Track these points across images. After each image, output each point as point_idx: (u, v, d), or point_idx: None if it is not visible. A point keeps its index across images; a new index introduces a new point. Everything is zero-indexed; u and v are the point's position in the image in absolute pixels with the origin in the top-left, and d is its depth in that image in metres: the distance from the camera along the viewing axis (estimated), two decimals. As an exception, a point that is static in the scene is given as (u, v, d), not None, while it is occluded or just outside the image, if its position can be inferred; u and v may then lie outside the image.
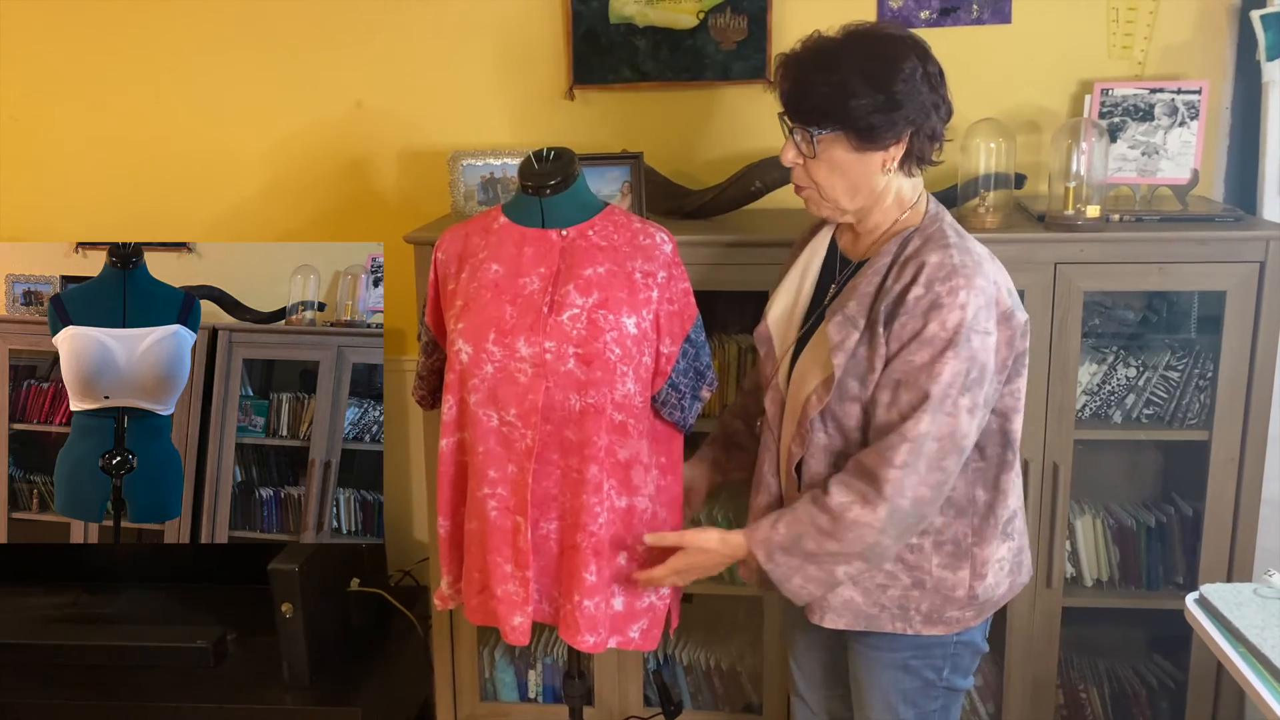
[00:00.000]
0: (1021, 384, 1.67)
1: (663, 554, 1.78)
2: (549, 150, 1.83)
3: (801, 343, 1.72)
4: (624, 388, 1.74)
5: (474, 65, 2.64)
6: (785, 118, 1.64)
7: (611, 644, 1.83)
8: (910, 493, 1.56)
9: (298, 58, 2.70)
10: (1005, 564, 1.72)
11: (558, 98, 2.62)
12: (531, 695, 2.59)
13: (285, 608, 2.40)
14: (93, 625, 2.67)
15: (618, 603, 1.82)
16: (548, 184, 1.79)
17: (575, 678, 2.10)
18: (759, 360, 1.80)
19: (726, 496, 2.51)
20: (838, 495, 1.59)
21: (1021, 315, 1.64)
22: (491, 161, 2.41)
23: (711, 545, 1.70)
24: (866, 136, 1.58)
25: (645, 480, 1.81)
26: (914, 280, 1.56)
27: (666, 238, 1.82)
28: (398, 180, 2.73)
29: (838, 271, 1.73)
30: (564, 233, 1.79)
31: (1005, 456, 1.68)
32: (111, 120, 2.80)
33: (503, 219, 1.83)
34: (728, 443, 2.00)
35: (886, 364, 1.58)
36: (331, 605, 2.57)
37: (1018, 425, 1.68)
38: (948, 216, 1.67)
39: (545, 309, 1.73)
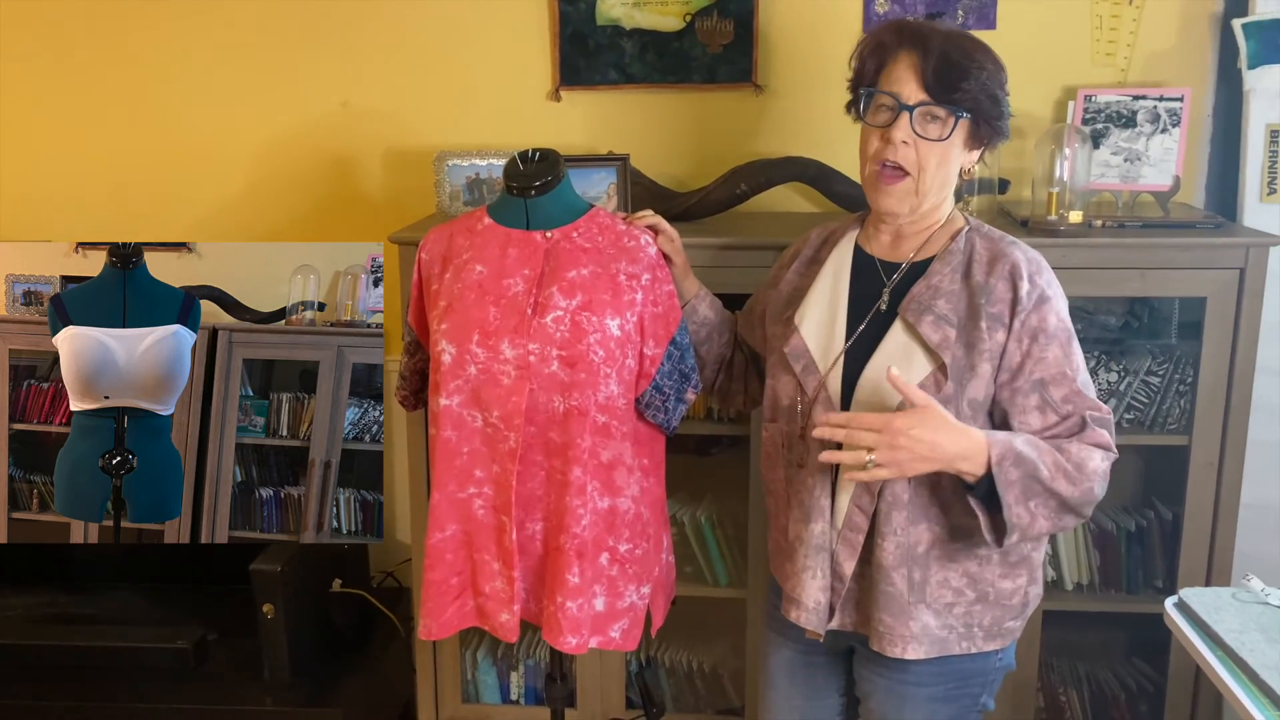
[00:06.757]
0: None
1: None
2: (534, 151, 1.82)
3: (854, 354, 1.61)
4: (607, 389, 1.74)
5: (460, 65, 2.64)
6: (897, 95, 1.52)
7: (592, 644, 1.82)
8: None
9: (283, 57, 2.69)
10: (1041, 567, 1.70)
11: (544, 99, 2.62)
12: (513, 697, 2.58)
13: (267, 608, 2.39)
14: (73, 625, 2.65)
15: (599, 603, 1.81)
16: (533, 185, 1.78)
17: (557, 680, 2.09)
18: (779, 378, 1.69)
19: (712, 499, 2.51)
20: (1077, 450, 1.51)
21: None
22: (477, 162, 2.40)
23: (949, 418, 1.46)
24: (988, 133, 1.55)
25: (629, 481, 1.80)
26: (1014, 276, 1.55)
27: (651, 240, 1.82)
28: (383, 180, 2.73)
29: (883, 276, 1.65)
30: (548, 234, 1.79)
31: None
32: (103, 120, 2.79)
33: (487, 220, 1.83)
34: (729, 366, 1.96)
35: (1018, 370, 1.53)
36: (313, 606, 2.56)
37: None
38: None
39: (529, 311, 1.73)
